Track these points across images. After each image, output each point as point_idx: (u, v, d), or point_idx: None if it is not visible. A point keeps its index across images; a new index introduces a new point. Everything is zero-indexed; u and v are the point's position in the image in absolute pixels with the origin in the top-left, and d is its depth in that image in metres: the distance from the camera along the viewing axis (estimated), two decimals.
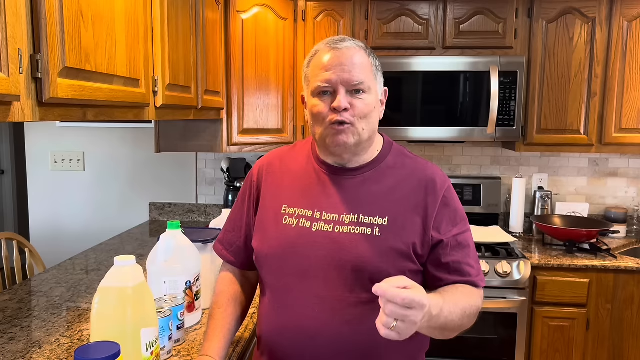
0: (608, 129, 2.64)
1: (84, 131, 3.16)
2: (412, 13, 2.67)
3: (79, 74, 1.17)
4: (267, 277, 1.27)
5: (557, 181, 3.06)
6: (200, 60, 2.08)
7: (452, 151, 3.10)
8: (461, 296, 1.16)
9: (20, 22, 0.99)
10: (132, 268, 1.15)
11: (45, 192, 3.20)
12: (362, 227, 1.19)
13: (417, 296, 0.94)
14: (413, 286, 0.97)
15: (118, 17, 1.36)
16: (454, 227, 1.23)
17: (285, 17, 2.65)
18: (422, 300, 0.94)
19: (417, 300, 0.94)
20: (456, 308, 1.10)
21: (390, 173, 1.26)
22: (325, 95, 1.20)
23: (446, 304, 1.07)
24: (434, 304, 1.01)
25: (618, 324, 2.46)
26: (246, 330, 1.56)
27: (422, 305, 0.94)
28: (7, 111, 0.98)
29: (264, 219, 1.29)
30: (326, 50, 1.21)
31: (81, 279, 2.04)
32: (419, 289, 0.97)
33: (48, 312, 1.69)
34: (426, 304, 0.95)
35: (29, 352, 1.40)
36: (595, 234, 2.57)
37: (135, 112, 1.53)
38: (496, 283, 2.40)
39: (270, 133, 2.69)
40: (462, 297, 1.16)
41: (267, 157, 1.39)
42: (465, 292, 1.18)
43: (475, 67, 2.58)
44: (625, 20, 2.57)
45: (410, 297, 0.93)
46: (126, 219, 3.16)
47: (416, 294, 0.94)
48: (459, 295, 1.16)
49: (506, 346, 2.46)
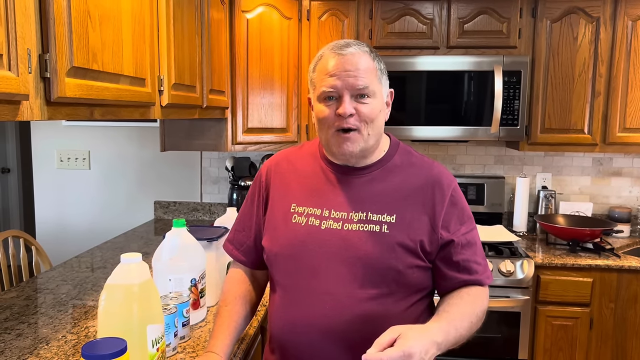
0: (612, 128, 2.63)
1: (90, 130, 3.18)
2: (416, 13, 2.67)
3: (87, 73, 1.19)
4: (278, 275, 1.29)
5: (561, 180, 3.06)
6: (205, 60, 2.10)
7: (456, 150, 3.10)
8: (467, 307, 1.18)
9: (29, 22, 1.00)
10: (138, 265, 1.16)
11: (51, 191, 3.22)
12: (371, 225, 1.21)
13: (404, 348, 0.95)
14: (403, 333, 0.99)
15: (124, 17, 1.37)
16: (462, 225, 1.25)
17: (290, 17, 2.66)
18: (411, 348, 0.96)
19: (406, 352, 0.95)
20: (463, 322, 1.13)
21: (397, 172, 1.28)
22: (330, 101, 1.21)
23: (451, 324, 1.10)
24: (436, 332, 1.04)
25: (621, 323, 2.46)
26: (251, 328, 1.57)
27: (409, 354, 0.95)
28: (16, 110, 0.99)
29: (273, 219, 1.31)
30: (331, 56, 1.22)
31: (87, 276, 2.06)
32: (410, 334, 0.99)
33: (55, 309, 1.70)
34: (414, 351, 0.96)
35: (36, 348, 1.42)
36: (598, 234, 2.57)
37: (141, 111, 1.54)
38: (500, 282, 2.41)
39: (274, 132, 2.70)
40: (468, 308, 1.18)
41: (275, 158, 1.40)
42: (470, 300, 1.20)
43: (479, 67, 2.58)
44: (630, 19, 2.56)
45: (396, 355, 0.95)
46: (131, 217, 3.18)
47: (404, 345, 0.96)
48: (464, 307, 1.18)
49: (509, 345, 2.46)
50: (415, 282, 1.22)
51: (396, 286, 1.20)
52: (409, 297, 1.23)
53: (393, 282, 1.20)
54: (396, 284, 1.20)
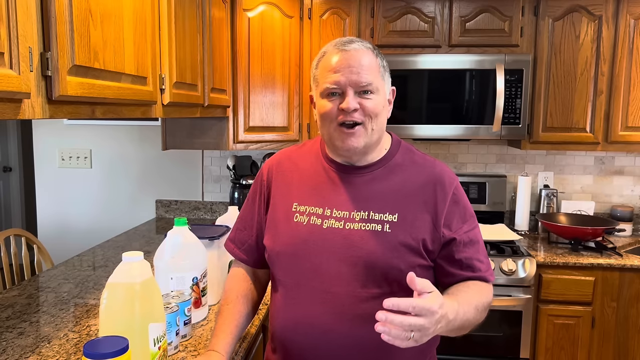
0: (614, 127, 2.63)
1: (91, 128, 3.18)
2: (417, 11, 2.67)
3: (88, 71, 1.19)
4: (279, 274, 1.29)
5: (563, 179, 3.05)
6: (206, 58, 2.10)
7: (458, 149, 3.10)
8: (473, 294, 1.18)
9: (31, 20, 1.00)
10: (139, 264, 1.16)
11: (52, 189, 3.22)
12: (373, 224, 1.21)
13: (426, 303, 0.97)
14: (435, 292, 1.01)
15: (126, 15, 1.37)
16: (464, 223, 1.25)
17: (291, 15, 2.66)
18: (432, 306, 0.97)
19: (426, 307, 0.96)
20: (470, 307, 1.13)
21: (399, 170, 1.27)
22: (334, 97, 1.21)
23: (461, 305, 1.09)
24: (450, 309, 1.04)
25: (623, 322, 2.46)
26: (252, 326, 1.57)
27: (432, 312, 0.97)
28: (18, 108, 0.99)
29: (275, 218, 1.31)
30: (334, 52, 1.21)
31: (89, 275, 2.06)
32: (431, 296, 1.00)
33: (56, 308, 1.71)
34: (436, 310, 0.97)
35: (38, 346, 1.42)
36: (600, 232, 2.56)
37: (142, 109, 1.54)
38: (501, 281, 2.40)
39: (276, 131, 2.70)
40: (475, 295, 1.18)
41: (276, 157, 1.40)
42: (476, 290, 1.20)
43: (481, 65, 2.57)
44: (632, 18, 2.56)
45: (420, 304, 0.96)
46: (133, 216, 3.18)
47: (426, 301, 0.97)
48: (472, 294, 1.18)
49: (511, 344, 2.46)
50: None
51: (398, 285, 1.20)
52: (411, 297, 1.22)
53: (395, 282, 1.19)
54: (398, 284, 1.20)
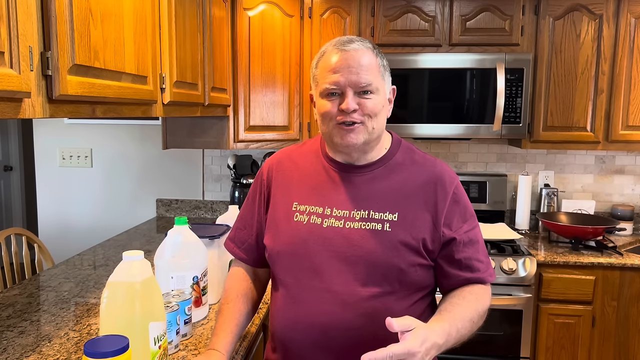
0: (615, 126, 2.63)
1: (92, 128, 3.18)
2: (418, 10, 2.67)
3: (88, 71, 1.19)
4: (280, 274, 1.29)
5: (564, 178, 3.05)
6: (207, 58, 2.10)
7: (458, 148, 3.10)
8: (469, 306, 1.18)
9: (31, 20, 1.00)
10: (140, 263, 1.16)
11: (53, 188, 3.22)
12: (373, 223, 1.21)
13: (405, 347, 0.97)
14: (416, 330, 1.01)
15: (126, 14, 1.37)
16: (464, 223, 1.25)
17: (292, 14, 2.66)
18: (412, 348, 0.97)
19: (405, 351, 0.96)
20: (465, 322, 1.13)
21: (399, 170, 1.27)
22: (333, 97, 1.21)
23: (454, 324, 1.10)
24: (439, 335, 1.04)
25: (624, 321, 2.46)
26: (252, 325, 1.57)
27: (412, 353, 0.97)
28: (18, 108, 0.99)
29: (275, 217, 1.31)
30: (334, 52, 1.21)
31: (89, 274, 2.06)
32: (419, 332, 1.01)
33: (57, 307, 1.71)
34: (417, 350, 0.97)
35: (38, 345, 1.42)
36: (601, 232, 2.56)
37: (143, 108, 1.54)
38: (502, 280, 2.40)
39: (276, 130, 2.70)
40: (471, 306, 1.18)
41: (276, 156, 1.40)
42: (473, 299, 1.20)
43: (482, 64, 2.57)
44: (633, 17, 2.55)
45: (398, 351, 0.96)
46: (133, 215, 3.18)
47: (405, 345, 0.97)
48: (467, 306, 1.18)
49: (511, 343, 2.46)
50: (417, 281, 1.22)
51: (398, 285, 1.20)
52: (411, 296, 1.23)
53: (395, 281, 1.19)
54: (398, 283, 1.20)
